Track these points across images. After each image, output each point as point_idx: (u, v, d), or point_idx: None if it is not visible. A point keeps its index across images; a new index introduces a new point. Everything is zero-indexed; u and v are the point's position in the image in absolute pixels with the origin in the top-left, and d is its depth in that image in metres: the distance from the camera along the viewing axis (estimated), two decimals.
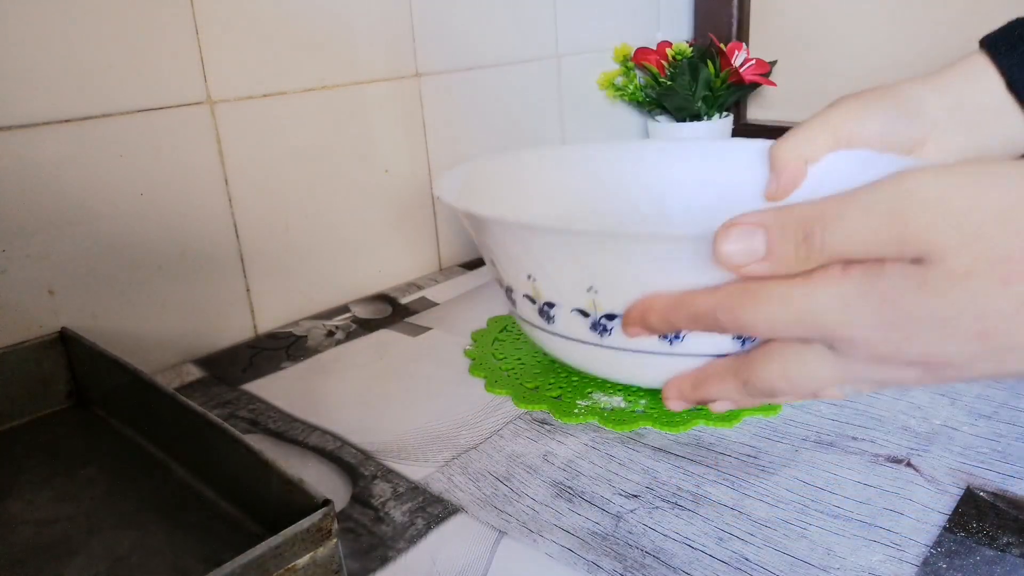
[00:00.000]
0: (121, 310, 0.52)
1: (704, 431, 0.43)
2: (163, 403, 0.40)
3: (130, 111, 0.50)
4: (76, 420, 0.47)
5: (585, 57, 0.83)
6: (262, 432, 0.45)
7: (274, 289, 0.60)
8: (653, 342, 0.39)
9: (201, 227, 0.55)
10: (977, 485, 0.37)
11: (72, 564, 0.35)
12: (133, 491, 0.40)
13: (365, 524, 0.37)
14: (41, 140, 0.47)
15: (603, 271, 0.38)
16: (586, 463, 0.40)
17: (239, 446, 0.35)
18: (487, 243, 0.44)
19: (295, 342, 0.58)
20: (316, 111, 0.60)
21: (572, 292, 0.40)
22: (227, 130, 0.55)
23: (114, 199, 0.50)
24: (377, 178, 0.66)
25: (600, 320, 0.40)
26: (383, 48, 0.64)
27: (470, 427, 0.45)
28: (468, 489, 0.39)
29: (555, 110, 0.82)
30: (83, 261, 0.50)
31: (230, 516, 0.37)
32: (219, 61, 0.54)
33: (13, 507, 0.39)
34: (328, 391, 0.50)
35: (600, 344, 0.41)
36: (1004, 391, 0.45)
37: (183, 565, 0.34)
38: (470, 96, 0.72)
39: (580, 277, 0.39)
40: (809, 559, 0.33)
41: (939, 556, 0.32)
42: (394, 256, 0.69)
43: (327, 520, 0.30)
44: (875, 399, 0.45)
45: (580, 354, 0.43)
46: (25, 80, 0.46)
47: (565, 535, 0.35)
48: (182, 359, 0.56)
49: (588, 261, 0.38)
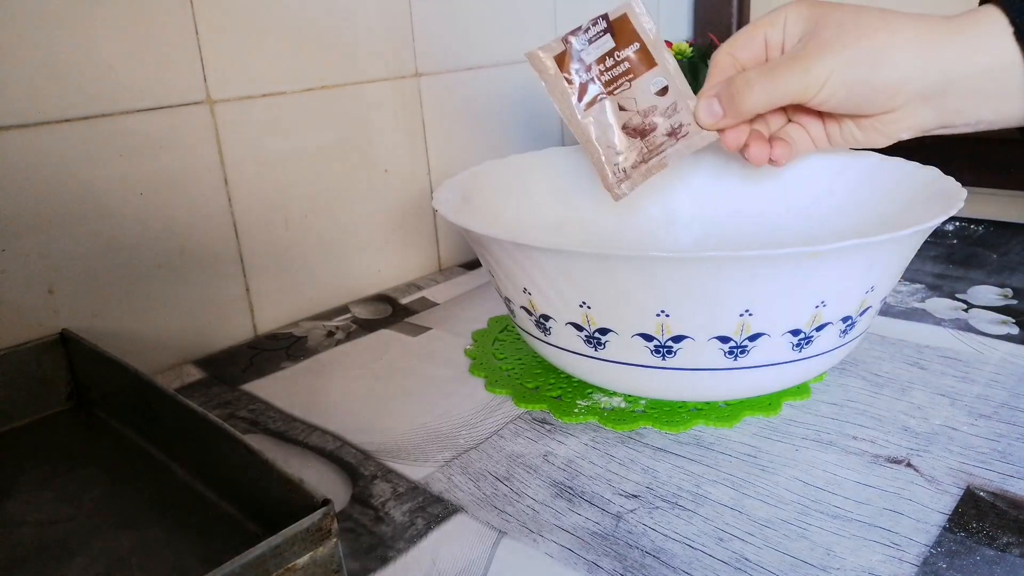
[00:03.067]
0: (121, 310, 0.52)
1: (704, 431, 0.43)
2: (163, 404, 0.40)
3: (130, 111, 0.50)
4: (76, 421, 0.47)
5: None
6: (262, 432, 0.45)
7: (274, 289, 0.60)
8: (646, 356, 0.40)
9: (201, 227, 0.55)
10: (977, 485, 0.37)
11: (72, 564, 0.34)
12: (133, 491, 0.40)
13: (365, 524, 0.37)
14: (41, 140, 0.47)
15: (594, 288, 0.39)
16: (586, 463, 0.40)
17: (239, 446, 0.35)
18: (485, 256, 0.44)
19: (295, 342, 0.58)
20: (316, 111, 0.60)
21: (566, 307, 0.41)
22: (227, 130, 0.55)
23: (114, 199, 0.50)
24: (377, 178, 0.66)
25: (594, 334, 0.41)
26: (383, 48, 0.64)
27: (470, 427, 0.45)
28: (468, 489, 0.39)
29: (555, 110, 0.82)
30: (83, 261, 0.50)
31: (230, 516, 0.37)
32: (219, 61, 0.54)
33: (13, 507, 0.39)
34: (328, 391, 0.50)
35: (595, 357, 0.42)
36: (1004, 391, 0.45)
37: (183, 565, 0.34)
38: (470, 96, 0.72)
39: (573, 293, 0.39)
40: (809, 559, 0.33)
41: (939, 556, 0.32)
42: (394, 256, 0.69)
43: (327, 520, 0.30)
44: (875, 399, 0.45)
45: (576, 365, 0.44)
46: (25, 80, 0.46)
47: (565, 535, 0.35)
48: (182, 359, 0.56)
49: (579, 279, 0.39)
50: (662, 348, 0.39)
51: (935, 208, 0.40)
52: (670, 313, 0.38)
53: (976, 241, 0.70)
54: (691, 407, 0.44)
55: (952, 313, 0.55)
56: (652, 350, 0.40)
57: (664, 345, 0.39)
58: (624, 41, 0.46)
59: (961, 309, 0.56)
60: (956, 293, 0.59)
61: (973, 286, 0.60)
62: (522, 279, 0.42)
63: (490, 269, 0.45)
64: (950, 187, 0.44)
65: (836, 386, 0.46)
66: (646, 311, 0.38)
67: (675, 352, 0.39)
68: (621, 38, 0.46)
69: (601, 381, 0.45)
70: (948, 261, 0.66)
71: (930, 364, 0.48)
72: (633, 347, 0.40)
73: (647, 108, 0.46)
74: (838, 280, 0.38)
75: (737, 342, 0.39)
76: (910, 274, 0.63)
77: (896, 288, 0.60)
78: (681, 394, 0.43)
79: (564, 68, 0.46)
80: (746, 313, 0.37)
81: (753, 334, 0.38)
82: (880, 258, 0.38)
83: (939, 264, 0.65)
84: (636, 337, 0.39)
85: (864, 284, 0.39)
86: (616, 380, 0.43)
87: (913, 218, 0.39)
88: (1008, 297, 0.58)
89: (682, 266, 0.36)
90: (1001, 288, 0.59)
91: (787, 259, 0.35)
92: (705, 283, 0.37)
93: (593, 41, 0.46)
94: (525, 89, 0.78)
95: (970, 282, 0.61)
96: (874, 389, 0.46)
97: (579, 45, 0.46)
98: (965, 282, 0.61)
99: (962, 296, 0.58)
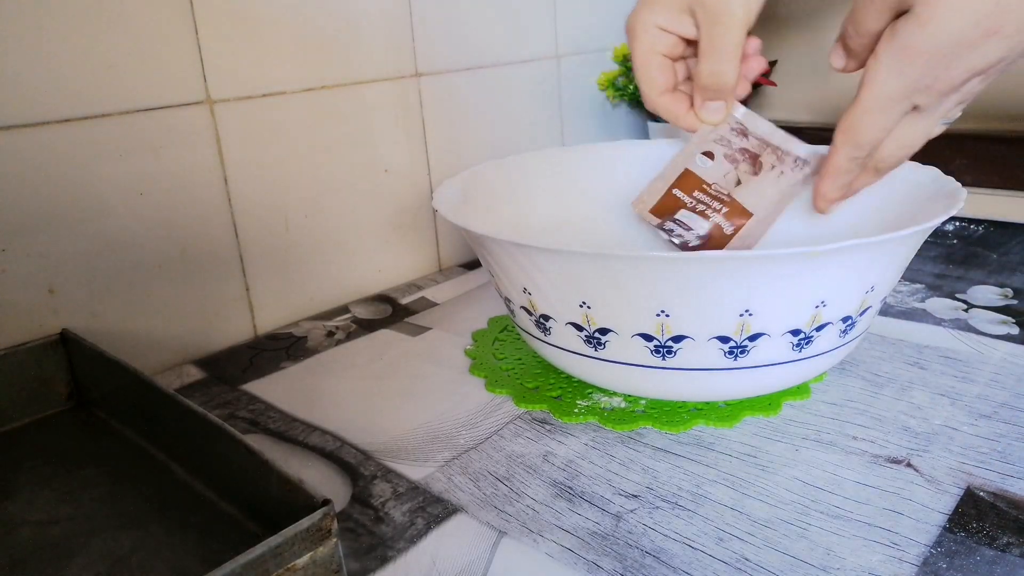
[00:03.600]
0: (121, 310, 0.52)
1: (704, 431, 0.43)
2: (163, 404, 0.40)
3: (130, 111, 0.50)
4: (76, 421, 0.47)
5: (585, 57, 0.83)
6: (262, 432, 0.45)
7: (274, 289, 0.60)
8: (646, 356, 0.40)
9: (201, 227, 0.55)
10: (977, 485, 0.37)
11: (72, 564, 0.34)
12: (133, 491, 0.40)
13: (365, 524, 0.37)
14: (41, 140, 0.47)
15: (594, 288, 0.39)
16: (586, 463, 0.40)
17: (239, 446, 0.35)
18: (485, 256, 0.45)
19: (295, 342, 0.58)
20: (316, 111, 0.60)
21: (566, 307, 0.41)
22: (227, 130, 0.55)
23: (114, 199, 0.50)
24: (377, 178, 0.66)
25: (594, 334, 0.41)
26: (383, 48, 0.64)
27: (470, 427, 0.45)
28: (468, 489, 0.39)
29: (555, 110, 0.82)
30: (83, 261, 0.50)
31: (230, 516, 0.37)
32: (219, 61, 0.54)
33: (13, 508, 0.39)
34: (328, 391, 0.50)
35: (595, 357, 0.42)
36: (1004, 391, 0.45)
37: (183, 565, 0.34)
38: (470, 96, 0.72)
39: (573, 293, 0.39)
40: (809, 559, 0.33)
41: (939, 556, 0.32)
42: (394, 256, 0.69)
43: (327, 520, 0.30)
44: (875, 399, 0.45)
45: (576, 365, 0.44)
46: (25, 80, 0.46)
47: (565, 535, 0.35)
48: (182, 360, 0.56)
49: (579, 279, 0.39)
50: (662, 348, 0.39)
51: (935, 208, 0.40)
52: (670, 313, 0.38)
53: (976, 241, 0.70)
54: (691, 407, 0.44)
55: (952, 313, 0.55)
56: (652, 350, 0.40)
57: (664, 345, 0.39)
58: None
59: (961, 309, 0.56)
60: (956, 293, 0.59)
61: (973, 286, 0.60)
62: (522, 279, 0.42)
63: (490, 269, 0.45)
64: (950, 187, 0.44)
65: (836, 386, 0.46)
66: (646, 311, 0.38)
67: (675, 352, 0.39)
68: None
69: (601, 381, 0.45)
70: (948, 261, 0.66)
71: (930, 364, 0.48)
72: (633, 347, 0.40)
73: (716, 194, 0.47)
74: (838, 280, 0.38)
75: (737, 342, 0.39)
76: (910, 274, 0.63)
77: (896, 288, 0.60)
78: (681, 394, 0.43)
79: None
80: (746, 313, 0.37)
81: (753, 334, 0.38)
82: (880, 258, 0.38)
83: (939, 264, 0.65)
84: (636, 337, 0.39)
85: (864, 284, 0.39)
86: (616, 380, 0.43)
87: (913, 218, 0.39)
88: (1008, 297, 0.58)
89: (682, 266, 0.36)
90: (1001, 288, 0.59)
91: (787, 259, 0.35)
92: (705, 283, 0.37)
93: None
94: (525, 89, 0.78)
95: (970, 282, 0.61)
96: (874, 389, 0.46)
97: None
98: (965, 282, 0.61)
99: (962, 296, 0.58)
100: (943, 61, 0.34)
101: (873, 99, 0.37)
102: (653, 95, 0.46)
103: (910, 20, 0.34)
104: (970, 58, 0.34)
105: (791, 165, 0.46)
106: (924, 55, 0.34)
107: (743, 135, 0.47)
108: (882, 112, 0.37)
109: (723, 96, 0.45)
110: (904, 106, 0.37)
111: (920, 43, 0.34)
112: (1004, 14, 0.32)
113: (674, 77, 0.47)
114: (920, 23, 0.34)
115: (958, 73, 0.34)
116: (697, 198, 0.48)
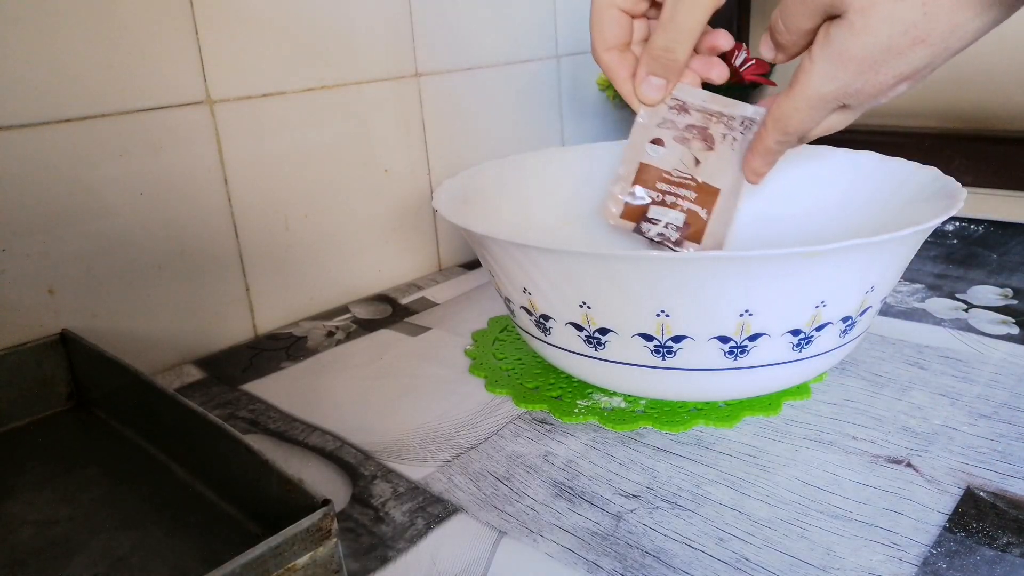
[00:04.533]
0: (121, 310, 0.52)
1: (704, 431, 0.43)
2: (163, 404, 0.40)
3: (130, 111, 0.50)
4: (76, 421, 0.47)
5: (585, 57, 0.83)
6: (262, 432, 0.45)
7: (274, 289, 0.60)
8: (646, 356, 0.40)
9: (201, 227, 0.55)
10: (977, 485, 0.37)
11: (72, 564, 0.35)
12: (133, 491, 0.40)
13: (365, 524, 0.37)
14: (41, 140, 0.47)
15: (594, 288, 0.39)
16: (586, 463, 0.40)
17: (239, 446, 0.35)
18: (485, 256, 0.45)
19: (295, 342, 0.58)
20: (316, 111, 0.60)
21: (566, 307, 0.41)
22: (227, 130, 0.55)
23: (114, 199, 0.50)
24: (377, 178, 0.66)
25: (594, 334, 0.41)
26: (383, 48, 0.64)
27: (470, 427, 0.45)
28: (468, 489, 0.39)
29: (555, 110, 0.82)
30: (83, 261, 0.50)
31: (230, 516, 0.37)
32: (219, 61, 0.54)
33: (13, 507, 0.39)
34: (328, 391, 0.50)
35: (595, 357, 0.42)
36: (1004, 391, 0.45)
37: (183, 565, 0.34)
38: (470, 96, 0.72)
39: (573, 293, 0.39)
40: (809, 559, 0.33)
41: (939, 556, 0.32)
42: (394, 256, 0.69)
43: (327, 520, 0.30)
44: (875, 399, 0.45)
45: (576, 365, 0.44)
46: (25, 80, 0.46)
47: (565, 535, 0.35)
48: (182, 360, 0.56)
49: (579, 279, 0.39)
50: (662, 348, 0.39)
51: (935, 208, 0.40)
52: (670, 313, 0.38)
53: (976, 241, 0.70)
54: (691, 407, 0.44)
55: (952, 313, 0.55)
56: (652, 350, 0.40)
57: (664, 345, 0.39)
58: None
59: (961, 309, 0.56)
60: (956, 293, 0.59)
61: (973, 286, 0.60)
62: (522, 279, 0.42)
63: (490, 269, 0.45)
64: (950, 187, 0.44)
65: (836, 386, 0.46)
66: (646, 311, 0.38)
67: (675, 352, 0.39)
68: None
69: (601, 381, 0.45)
70: (948, 261, 0.66)
71: (930, 364, 0.48)
72: (633, 347, 0.40)
73: (680, 180, 0.46)
74: (838, 280, 0.38)
75: (737, 342, 0.39)
76: (910, 274, 0.63)
77: (896, 288, 0.60)
78: (681, 394, 0.43)
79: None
80: (746, 313, 0.37)
81: (753, 334, 0.38)
82: (880, 258, 0.39)
83: (939, 264, 0.65)
84: (636, 337, 0.39)
85: (864, 284, 0.39)
86: (616, 380, 0.43)
87: (913, 218, 0.39)
88: (1008, 297, 0.58)
89: (682, 266, 0.36)
90: (1001, 288, 0.59)
91: (787, 259, 0.35)
92: (705, 283, 0.37)
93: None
94: (525, 89, 0.78)
95: (970, 282, 0.61)
96: (874, 389, 0.46)
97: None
98: (965, 282, 0.61)
99: (962, 296, 0.58)
100: (873, 67, 0.36)
101: (806, 98, 0.39)
102: (600, 49, 0.45)
103: (843, 27, 0.35)
104: (898, 64, 0.35)
105: (740, 129, 0.45)
106: (856, 61, 0.36)
107: (684, 111, 0.46)
108: (814, 109, 0.39)
109: (668, 75, 0.44)
110: (834, 105, 0.39)
111: (853, 50, 0.35)
112: (931, 24, 0.34)
113: (628, 35, 0.45)
114: (854, 32, 0.35)
115: (886, 78, 0.36)
116: (663, 190, 0.46)
